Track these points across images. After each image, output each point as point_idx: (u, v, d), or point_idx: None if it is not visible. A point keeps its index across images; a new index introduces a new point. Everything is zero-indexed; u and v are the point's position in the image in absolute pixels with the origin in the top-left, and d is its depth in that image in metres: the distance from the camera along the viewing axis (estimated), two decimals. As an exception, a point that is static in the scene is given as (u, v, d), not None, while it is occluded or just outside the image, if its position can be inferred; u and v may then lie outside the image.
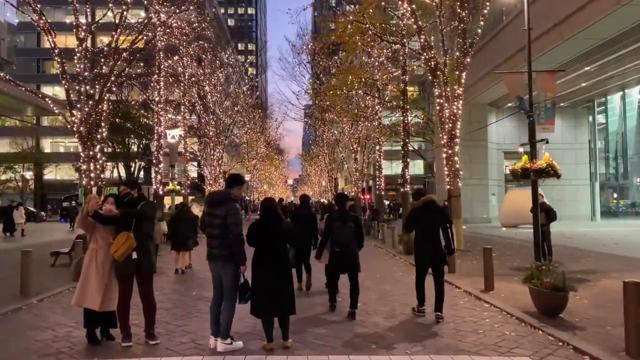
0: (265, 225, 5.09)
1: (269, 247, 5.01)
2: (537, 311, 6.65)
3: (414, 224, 6.69)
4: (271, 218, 5.10)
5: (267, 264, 4.98)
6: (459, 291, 8.59)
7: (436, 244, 6.39)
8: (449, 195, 14.94)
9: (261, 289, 4.93)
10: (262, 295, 4.92)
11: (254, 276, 5.02)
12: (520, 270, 10.79)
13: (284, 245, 5.10)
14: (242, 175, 5.48)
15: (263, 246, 5.03)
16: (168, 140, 23.89)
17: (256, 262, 5.03)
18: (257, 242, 5.06)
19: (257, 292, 4.94)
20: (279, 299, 4.94)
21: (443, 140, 15.04)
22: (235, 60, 47.35)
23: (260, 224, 5.14)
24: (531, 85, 10.09)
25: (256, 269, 5.02)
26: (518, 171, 10.37)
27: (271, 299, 4.91)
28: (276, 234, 5.03)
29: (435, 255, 6.46)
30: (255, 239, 5.07)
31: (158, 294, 8.38)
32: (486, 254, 8.52)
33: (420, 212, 6.55)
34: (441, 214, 6.62)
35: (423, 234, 6.54)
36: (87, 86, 14.48)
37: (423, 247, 6.54)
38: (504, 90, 29.80)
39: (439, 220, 6.44)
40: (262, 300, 4.92)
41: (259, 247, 5.06)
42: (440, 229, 6.38)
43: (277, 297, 4.94)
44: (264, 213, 5.18)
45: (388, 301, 7.79)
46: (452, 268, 10.47)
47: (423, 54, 15.08)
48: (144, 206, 5.31)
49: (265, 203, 5.30)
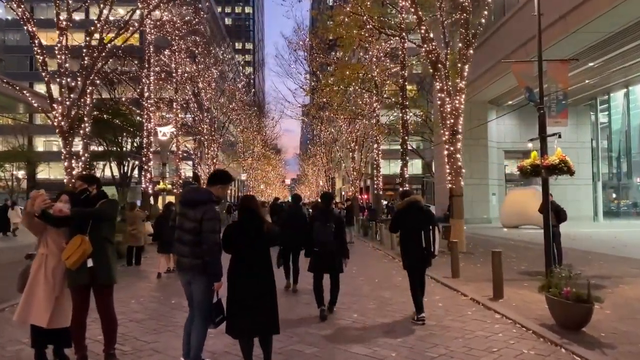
0: (243, 228, 4.31)
1: (248, 253, 4.23)
2: (555, 324, 5.90)
3: (398, 225, 6.67)
4: (251, 219, 4.32)
5: (245, 274, 4.20)
6: (465, 299, 7.82)
7: (421, 245, 6.31)
8: (451, 195, 14.19)
9: (238, 305, 4.15)
10: (240, 312, 4.14)
11: (229, 289, 4.24)
12: (528, 274, 10.06)
13: (266, 252, 4.32)
14: (228, 172, 4.65)
15: (241, 253, 4.25)
16: (159, 137, 23.11)
17: (233, 272, 4.25)
18: (234, 248, 4.28)
19: (234, 308, 4.16)
20: (259, 316, 4.16)
21: (445, 136, 14.29)
22: (231, 57, 46.53)
23: (237, 226, 4.34)
24: (542, 75, 9.35)
25: (233, 279, 4.23)
26: (527, 168, 9.61)
27: (250, 316, 4.13)
28: (257, 237, 4.26)
29: (421, 256, 6.35)
30: (232, 244, 4.28)
31: (134, 302, 7.63)
32: (495, 259, 7.75)
33: (405, 213, 6.53)
34: (426, 215, 6.49)
35: (408, 235, 6.48)
36: (68, 79, 13.67)
37: (408, 249, 6.49)
38: (504, 87, 29.29)
39: (423, 221, 6.35)
40: (240, 318, 4.13)
41: (236, 254, 4.28)
42: (423, 230, 6.29)
43: (257, 313, 4.16)
44: (243, 213, 4.39)
45: (387, 311, 7.02)
46: (455, 273, 9.73)
47: (423, 46, 14.33)
48: (103, 205, 4.52)
49: (243, 202, 4.49)
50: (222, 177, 4.42)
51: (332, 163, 52.35)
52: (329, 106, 32.63)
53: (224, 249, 4.28)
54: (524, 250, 14.45)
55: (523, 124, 34.43)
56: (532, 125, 35.06)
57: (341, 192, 62.01)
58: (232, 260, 4.29)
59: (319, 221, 6.61)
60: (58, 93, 13.45)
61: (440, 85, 14.21)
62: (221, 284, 4.14)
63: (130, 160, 39.69)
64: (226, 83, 38.21)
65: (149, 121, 21.00)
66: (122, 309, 7.09)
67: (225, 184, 4.40)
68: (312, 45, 29.58)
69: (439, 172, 37.44)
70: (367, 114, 27.10)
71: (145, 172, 20.92)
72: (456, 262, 9.76)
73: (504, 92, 29.88)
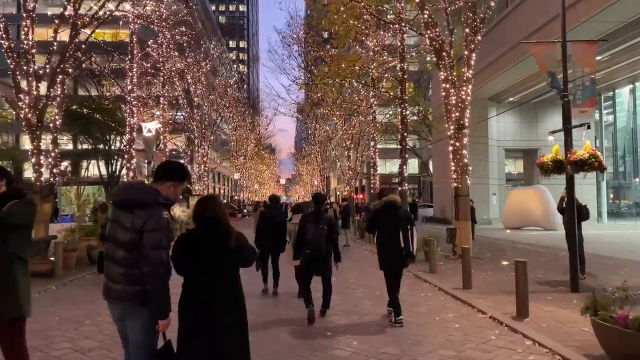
0: (201, 242, 3.09)
1: (208, 277, 3.01)
2: (606, 355, 4.72)
3: (375, 226, 6.58)
4: (213, 230, 3.10)
5: (204, 306, 2.98)
6: (484, 318, 6.62)
7: (398, 245, 6.16)
8: (456, 195, 13.01)
9: (193, 349, 2.93)
10: (197, 358, 2.93)
11: (181, 327, 3.02)
12: (548, 285, 8.90)
13: (233, 274, 3.10)
14: (184, 166, 3.35)
15: (199, 276, 3.03)
16: (144, 134, 21.81)
17: (186, 303, 3.03)
18: (189, 270, 3.05)
19: (187, 354, 2.94)
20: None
21: (449, 131, 13.11)
22: (223, 51, 45.21)
23: (193, 240, 3.11)
24: (565, 57, 8.19)
25: (186, 314, 3.01)
26: (548, 164, 8.47)
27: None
28: (221, 255, 3.03)
29: (397, 257, 6.22)
30: (186, 264, 3.06)
31: (89, 323, 6.01)
32: (519, 269, 6.54)
33: (381, 213, 6.40)
34: (403, 214, 6.36)
35: (385, 235, 6.35)
36: (34, 66, 12.38)
37: (385, 249, 6.35)
38: (505, 83, 28.20)
39: (401, 221, 6.21)
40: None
41: (191, 278, 3.05)
42: (400, 230, 6.14)
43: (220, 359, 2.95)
44: (200, 221, 3.16)
45: (396, 336, 5.79)
46: (467, 283, 8.54)
47: (426, 33, 13.15)
48: (12, 207, 3.28)
49: (202, 205, 3.22)
50: (175, 172, 3.15)
51: (327, 162, 51.24)
52: (323, 102, 31.46)
53: (176, 270, 3.06)
54: (535, 255, 13.30)
55: (524, 122, 33.43)
56: (533, 122, 34.26)
57: (336, 192, 60.89)
58: (185, 286, 3.06)
59: (310, 223, 6.42)
60: (15, 77, 12.15)
61: (444, 75, 13.03)
62: (168, 322, 2.90)
63: (118, 158, 38.33)
64: (217, 78, 36.85)
65: (132, 116, 19.69)
66: (71, 334, 5.86)
67: (178, 181, 3.14)
68: (306, 39, 28.37)
69: (437, 171, 36.41)
70: (364, 110, 25.93)
71: (129, 171, 19.61)
72: (468, 271, 8.57)
73: (504, 88, 28.85)
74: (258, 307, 7.30)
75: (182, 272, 3.05)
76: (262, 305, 7.50)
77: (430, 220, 34.78)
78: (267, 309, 7.29)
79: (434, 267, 10.48)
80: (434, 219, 34.30)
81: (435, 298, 8.00)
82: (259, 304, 7.58)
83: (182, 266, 3.03)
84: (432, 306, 7.36)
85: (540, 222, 23.46)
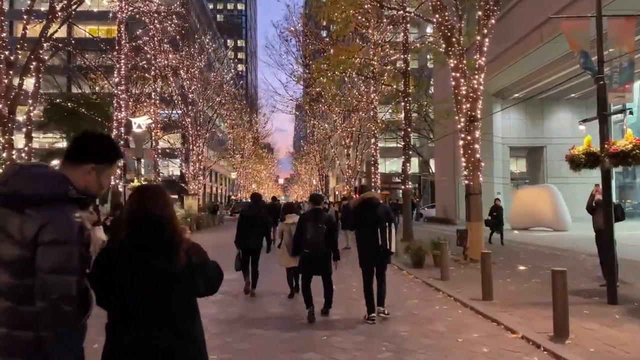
0: (130, 263, 1.96)
1: (143, 318, 1.91)
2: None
3: (356, 223, 6.60)
4: (151, 242, 1.97)
5: (139, 351, 1.88)
6: (515, 338, 5.54)
7: (377, 243, 6.18)
8: (468, 193, 11.95)
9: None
10: None
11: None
12: (580, 295, 7.80)
13: (186, 313, 1.99)
14: (113, 141, 2.17)
15: (130, 317, 1.93)
16: (133, 129, 20.72)
17: (114, 346, 1.92)
18: (114, 306, 1.95)
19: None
20: None
21: (460, 124, 12.05)
22: (219, 46, 44.11)
23: (119, 258, 1.98)
24: (601, 35, 7.14)
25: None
26: (580, 158, 7.39)
27: None
28: (163, 284, 1.94)
29: (378, 254, 6.25)
30: (108, 296, 1.95)
31: None
32: (557, 280, 5.46)
33: (361, 210, 6.42)
34: (382, 211, 6.32)
35: (365, 232, 6.37)
36: (6, 51, 11.28)
37: (365, 247, 6.37)
38: (510, 78, 27.17)
39: (380, 218, 6.20)
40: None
41: (118, 319, 1.95)
42: (379, 227, 6.15)
43: None
44: (134, 226, 2.00)
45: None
46: (487, 293, 7.46)
47: (435, 17, 12.10)
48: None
49: (140, 199, 2.07)
50: (99, 148, 2.06)
51: (325, 161, 50.25)
52: (322, 99, 30.43)
53: (99, 301, 1.96)
54: (553, 259, 12.24)
55: (529, 119, 32.45)
56: (538, 119, 33.20)
57: (335, 191, 59.88)
58: (109, 332, 1.97)
59: (310, 222, 6.34)
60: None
61: (454, 63, 11.97)
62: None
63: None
64: (212, 74, 35.76)
65: (120, 110, 18.60)
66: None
67: (104, 163, 2.04)
68: (304, 32, 27.31)
69: (439, 169, 35.36)
70: (364, 106, 24.90)
71: (116, 168, 18.48)
72: (488, 279, 7.49)
73: (510, 83, 27.88)
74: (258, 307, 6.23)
75: (109, 305, 1.96)
76: (263, 306, 6.45)
77: (432, 221, 33.75)
78: (259, 310, 6.23)
79: (445, 274, 9.40)
80: (436, 219, 33.26)
81: (453, 311, 6.93)
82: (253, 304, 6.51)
83: (103, 299, 1.93)
84: (450, 323, 6.28)
85: (550, 223, 22.43)
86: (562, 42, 18.86)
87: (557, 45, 19.84)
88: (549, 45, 19.73)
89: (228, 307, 7.29)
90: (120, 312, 1.91)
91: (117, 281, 1.89)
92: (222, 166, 61.58)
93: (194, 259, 1.93)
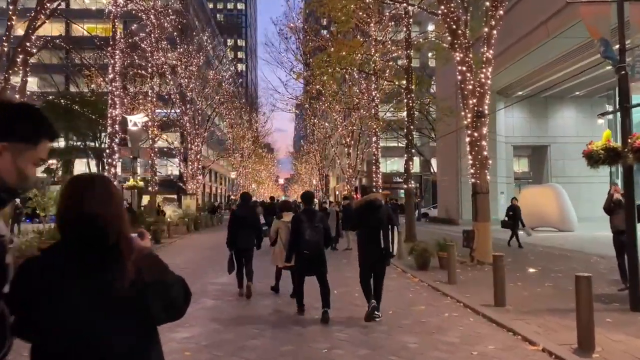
0: (57, 281, 1.38)
1: (73, 355, 1.38)
2: None
3: (358, 224, 6.54)
4: (88, 251, 1.41)
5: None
6: (535, 351, 5.01)
7: (379, 244, 6.11)
8: (474, 192, 11.44)
9: None
10: None
11: None
12: (599, 300, 7.20)
13: (139, 345, 1.45)
14: (33, 108, 1.49)
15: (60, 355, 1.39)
16: (129, 127, 20.23)
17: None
18: (38, 339, 1.42)
19: None
20: None
21: (466, 119, 11.54)
22: (218, 43, 43.58)
23: (43, 275, 1.41)
24: (622, 21, 6.62)
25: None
26: (599, 154, 6.86)
27: None
28: (102, 311, 1.38)
29: (379, 256, 6.17)
30: (29, 327, 1.41)
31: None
32: (582, 287, 4.93)
33: (363, 212, 6.35)
34: (384, 213, 6.24)
35: (366, 234, 6.30)
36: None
37: (368, 246, 6.29)
38: (514, 75, 26.64)
39: (382, 220, 6.14)
40: None
41: (52, 349, 1.40)
42: (381, 229, 6.09)
43: None
44: (66, 228, 1.44)
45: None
46: (500, 299, 6.94)
47: (440, 8, 11.59)
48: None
49: (75, 193, 1.44)
50: (15, 120, 1.41)
51: (326, 161, 49.73)
52: (322, 97, 29.93)
53: (19, 332, 1.43)
54: (564, 261, 11.73)
55: (533, 117, 31.91)
56: (542, 118, 32.63)
57: (335, 191, 59.37)
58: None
59: (305, 222, 6.30)
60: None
61: (460, 56, 11.46)
62: None
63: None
64: (211, 71, 35.24)
65: (115, 108, 18.09)
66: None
67: (22, 142, 1.43)
68: (304, 29, 26.80)
69: (441, 169, 34.82)
70: (365, 104, 24.39)
71: (110, 167, 18.00)
72: (501, 284, 6.97)
73: (513, 81, 27.35)
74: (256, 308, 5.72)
75: (26, 338, 1.43)
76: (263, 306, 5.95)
77: (434, 221, 33.24)
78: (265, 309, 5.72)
79: (453, 277, 8.88)
80: (438, 219, 32.74)
81: (464, 319, 6.40)
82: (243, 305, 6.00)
83: (22, 330, 1.40)
84: (462, 332, 5.76)
85: (556, 223, 21.92)
86: (568, 37, 18.43)
87: (563, 41, 19.35)
88: (554, 41, 19.21)
89: (219, 315, 6.77)
90: (45, 348, 1.39)
91: (37, 308, 1.37)
92: (221, 166, 61.10)
93: (146, 276, 1.40)
